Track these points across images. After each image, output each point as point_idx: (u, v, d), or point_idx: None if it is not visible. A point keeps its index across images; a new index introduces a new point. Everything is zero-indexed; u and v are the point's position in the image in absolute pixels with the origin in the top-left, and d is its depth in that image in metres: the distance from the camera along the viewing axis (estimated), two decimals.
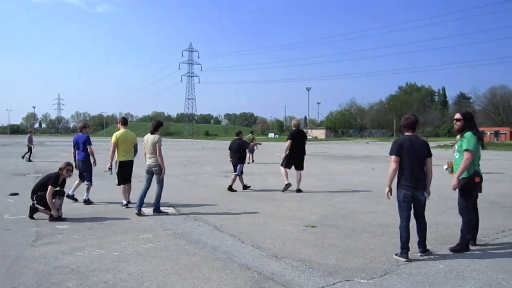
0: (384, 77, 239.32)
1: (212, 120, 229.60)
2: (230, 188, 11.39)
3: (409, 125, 5.52)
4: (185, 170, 17.51)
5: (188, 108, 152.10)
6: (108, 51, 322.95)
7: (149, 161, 8.40)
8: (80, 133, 9.78)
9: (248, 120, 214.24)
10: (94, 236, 6.41)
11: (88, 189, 9.34)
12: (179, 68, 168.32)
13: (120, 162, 9.11)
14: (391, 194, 5.45)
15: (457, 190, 5.72)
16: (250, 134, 25.78)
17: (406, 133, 5.52)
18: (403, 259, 5.17)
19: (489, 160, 25.93)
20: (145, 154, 8.52)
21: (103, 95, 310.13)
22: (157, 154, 8.23)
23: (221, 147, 44.60)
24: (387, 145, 6.27)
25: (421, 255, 5.33)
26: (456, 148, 5.81)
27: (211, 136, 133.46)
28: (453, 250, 5.60)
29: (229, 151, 12.14)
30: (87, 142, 9.54)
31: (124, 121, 9.57)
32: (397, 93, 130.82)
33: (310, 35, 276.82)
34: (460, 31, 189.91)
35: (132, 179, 9.35)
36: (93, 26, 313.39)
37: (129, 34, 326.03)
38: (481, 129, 76.51)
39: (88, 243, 6.00)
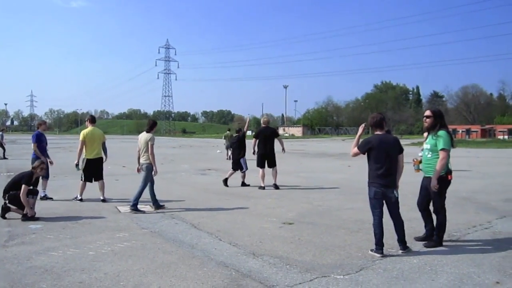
0: (360, 76, 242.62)
1: (189, 118, 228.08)
2: (243, 184, 11.78)
3: (377, 124, 5.59)
4: (162, 168, 17.32)
5: (165, 105, 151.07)
6: (83, 47, 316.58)
7: (141, 159, 8.55)
8: (37, 131, 9.83)
9: (226, 117, 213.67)
10: (68, 235, 6.31)
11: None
12: (156, 65, 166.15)
13: (87, 159, 9.16)
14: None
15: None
16: (228, 131, 25.96)
17: (376, 132, 5.57)
18: (378, 255, 5.26)
19: (460, 157, 26.53)
20: (138, 152, 8.68)
21: (77, 92, 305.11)
22: (149, 152, 8.35)
23: (199, 144, 44.46)
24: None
25: (402, 252, 5.42)
26: (428, 147, 5.82)
27: (188, 133, 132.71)
28: (428, 246, 5.72)
29: (230, 148, 12.40)
30: (32, 139, 9.57)
31: (92, 119, 9.65)
32: (372, 91, 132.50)
33: (287, 33, 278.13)
34: (432, 31, 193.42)
35: (106, 178, 9.21)
36: (68, 22, 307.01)
37: (105, 30, 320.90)
38: (453, 127, 78.12)
39: (63, 242, 5.91)
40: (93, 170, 9.19)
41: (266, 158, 11.31)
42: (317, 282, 4.40)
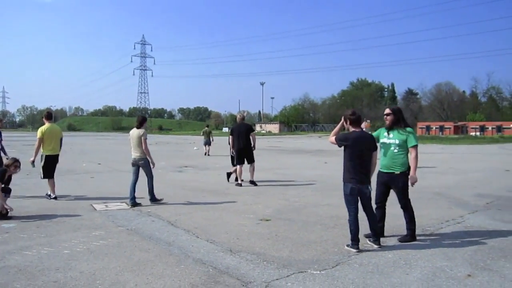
0: (336, 73, 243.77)
1: (165, 115, 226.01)
2: (228, 176, 11.87)
3: (356, 121, 5.67)
4: None
5: (141, 102, 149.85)
6: (57, 43, 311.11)
7: (135, 154, 8.65)
8: None
9: (202, 114, 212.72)
10: (43, 234, 6.20)
11: None
12: (131, 61, 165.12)
13: (46, 156, 9.08)
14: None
15: (399, 184, 5.89)
16: (206, 128, 26.12)
17: (353, 129, 5.63)
18: (354, 250, 5.33)
19: (435, 153, 27.08)
20: (131, 148, 8.74)
21: (51, 88, 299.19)
22: (143, 147, 8.52)
23: (175, 141, 44.17)
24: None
25: (378, 247, 5.51)
26: (397, 142, 5.84)
27: (165, 130, 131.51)
28: (402, 240, 5.82)
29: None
30: None
31: (49, 116, 9.54)
32: (348, 88, 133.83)
33: (263, 30, 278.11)
34: (407, 30, 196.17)
35: (81, 175, 9.07)
36: (41, 17, 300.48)
37: (79, 25, 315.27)
38: (427, 123, 79.56)
39: (37, 241, 5.80)
40: (51, 166, 9.05)
41: (244, 154, 11.33)
42: (294, 277, 4.44)
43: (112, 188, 10.81)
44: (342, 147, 5.62)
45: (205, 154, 23.69)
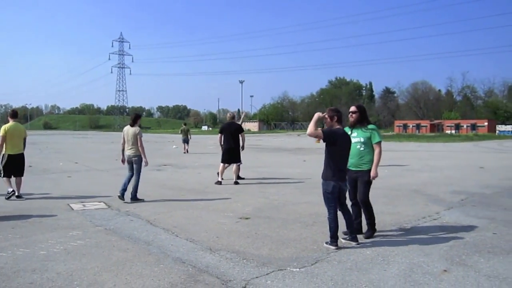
0: (314, 71, 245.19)
1: (144, 113, 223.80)
2: (238, 177, 11.77)
3: (340, 119, 5.72)
4: (116, 164, 16.97)
5: (119, 100, 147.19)
6: (32, 39, 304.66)
7: (129, 151, 8.78)
8: None
9: (181, 112, 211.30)
10: (18, 235, 6.07)
11: None
12: (109, 59, 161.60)
13: (9, 155, 8.90)
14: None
15: (365, 180, 5.95)
16: (184, 126, 26.30)
17: (337, 127, 5.65)
18: (333, 247, 5.38)
19: (412, 151, 27.53)
20: (122, 145, 8.89)
21: (26, 86, 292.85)
22: (139, 144, 8.70)
23: (154, 140, 43.76)
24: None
25: (356, 244, 5.57)
26: (361, 140, 5.92)
27: (144, 129, 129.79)
28: (367, 237, 5.87)
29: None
30: None
31: (13, 114, 9.40)
32: (327, 87, 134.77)
33: (242, 28, 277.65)
34: (384, 29, 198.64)
35: (58, 174, 8.92)
36: (15, 12, 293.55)
37: (55, 22, 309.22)
38: (404, 122, 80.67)
39: (12, 242, 5.68)
40: (13, 166, 8.92)
41: (231, 153, 11.35)
42: (273, 275, 4.46)
43: (90, 188, 10.67)
44: (322, 144, 5.64)
45: (184, 152, 23.96)
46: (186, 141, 24.99)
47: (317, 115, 5.56)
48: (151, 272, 4.56)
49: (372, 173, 5.90)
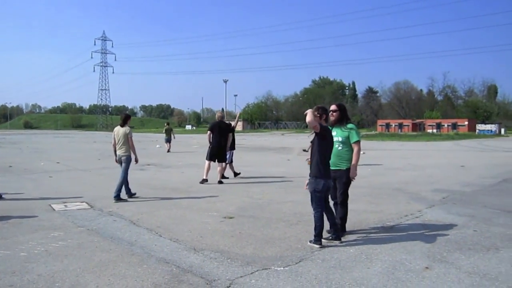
0: (298, 71, 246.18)
1: (127, 112, 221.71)
2: (235, 174, 12.60)
3: (327, 118, 5.76)
4: (98, 164, 16.82)
5: (101, 99, 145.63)
6: (13, 37, 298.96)
7: (120, 151, 9.00)
8: None
9: (165, 112, 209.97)
10: None
11: None
12: (92, 57, 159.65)
13: None
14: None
15: (345, 179, 5.99)
16: (167, 125, 26.64)
17: (325, 124, 5.67)
18: (317, 246, 5.41)
19: (395, 150, 27.82)
20: (114, 146, 9.09)
21: (7, 84, 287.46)
22: (130, 144, 8.93)
23: (138, 139, 43.38)
24: (302, 137, 6.49)
25: (339, 243, 5.60)
26: (340, 139, 5.95)
27: None
28: (337, 238, 5.72)
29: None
30: None
31: None
32: (311, 86, 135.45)
33: (227, 27, 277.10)
34: (366, 29, 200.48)
35: (39, 175, 8.80)
36: None
37: (37, 19, 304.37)
38: (386, 121, 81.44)
39: None
40: None
41: (218, 152, 11.35)
42: (258, 274, 4.46)
43: (72, 188, 10.53)
44: (312, 141, 5.64)
45: (168, 151, 24.24)
46: (168, 140, 25.32)
47: (311, 110, 5.56)
48: (134, 272, 4.52)
49: (351, 173, 5.93)
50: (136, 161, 9.15)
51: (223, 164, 11.77)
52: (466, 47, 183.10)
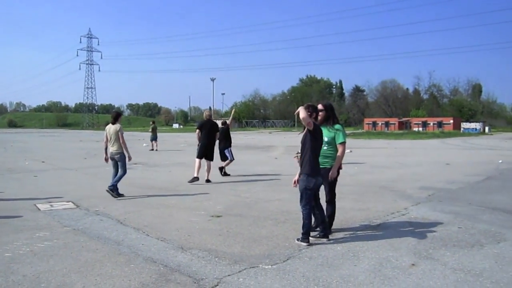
0: (286, 69, 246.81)
1: (118, 110, 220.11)
2: (225, 173, 12.65)
3: (317, 117, 5.77)
4: (84, 163, 16.67)
5: (87, 97, 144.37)
6: None
7: (112, 149, 9.11)
8: None
9: (152, 110, 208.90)
10: None
11: None
12: (77, 55, 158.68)
13: None
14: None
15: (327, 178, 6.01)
16: (152, 124, 26.94)
17: (315, 122, 5.67)
18: (305, 244, 5.42)
19: (380, 148, 28.02)
20: (105, 143, 9.26)
21: None
22: (121, 141, 9.01)
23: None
24: (289, 135, 6.52)
25: (327, 240, 5.63)
26: (325, 139, 5.94)
27: None
28: (325, 236, 5.73)
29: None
30: None
31: None
32: (298, 85, 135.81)
33: (215, 26, 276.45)
34: (354, 28, 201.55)
35: (23, 174, 8.69)
36: None
37: (21, 16, 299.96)
38: (373, 119, 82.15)
39: None
40: None
41: (207, 149, 11.33)
42: (245, 273, 4.46)
43: (58, 187, 10.43)
44: (293, 142, 5.66)
45: (154, 149, 24.48)
46: (154, 138, 25.59)
47: (303, 108, 5.56)
48: (121, 272, 4.49)
49: (331, 173, 5.89)
50: (129, 158, 9.19)
51: (226, 162, 12.34)
52: (452, 47, 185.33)
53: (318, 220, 5.75)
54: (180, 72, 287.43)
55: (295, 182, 5.80)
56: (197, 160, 11.33)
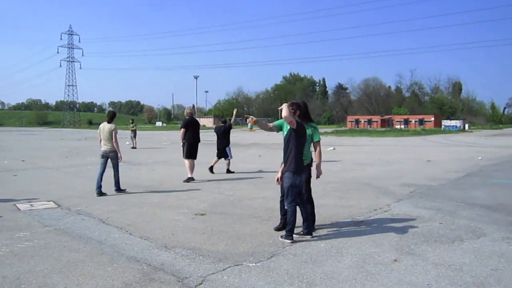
0: (269, 67, 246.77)
1: (95, 108, 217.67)
2: (228, 171, 12.89)
3: (300, 114, 5.80)
4: (66, 162, 16.44)
5: (68, 95, 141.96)
6: None
7: (105, 147, 9.29)
8: None
9: (135, 108, 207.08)
10: None
11: None
12: (58, 52, 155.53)
13: None
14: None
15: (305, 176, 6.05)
16: (131, 122, 27.38)
17: (299, 120, 5.70)
18: (289, 241, 5.45)
19: (363, 145, 28.26)
20: (100, 141, 9.36)
21: None
22: (114, 140, 9.20)
23: None
24: (273, 133, 6.54)
25: (310, 238, 5.66)
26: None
27: (95, 125, 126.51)
28: (309, 233, 5.77)
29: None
30: None
31: None
32: (281, 82, 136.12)
33: (197, 23, 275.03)
34: (338, 26, 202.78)
35: (2, 173, 8.53)
36: None
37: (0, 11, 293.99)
38: (356, 117, 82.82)
39: None
40: None
41: (194, 148, 11.24)
42: (229, 271, 4.46)
43: (38, 187, 10.27)
44: (286, 138, 5.65)
45: (133, 147, 25.08)
46: (134, 136, 26.36)
47: (286, 105, 5.56)
48: (104, 272, 4.45)
49: (317, 172, 6.03)
50: (120, 158, 9.39)
51: (227, 161, 12.91)
52: (433, 45, 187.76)
53: (303, 216, 5.77)
54: (163, 69, 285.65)
55: (278, 179, 5.83)
56: (186, 161, 11.19)
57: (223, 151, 13.20)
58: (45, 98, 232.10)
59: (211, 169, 12.82)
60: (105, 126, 9.36)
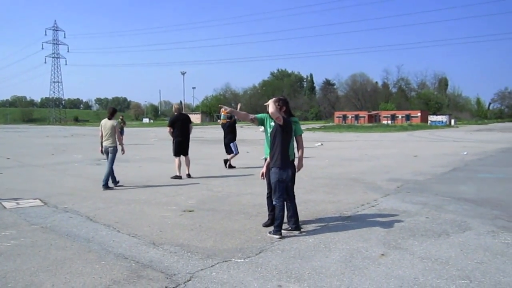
0: (257, 63, 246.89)
1: (81, 105, 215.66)
2: (230, 166, 13.16)
3: (288, 109, 5.84)
4: (52, 159, 16.26)
5: (54, 92, 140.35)
6: None
7: (106, 142, 9.69)
8: None
9: (121, 105, 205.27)
10: None
11: None
12: (43, 48, 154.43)
13: None
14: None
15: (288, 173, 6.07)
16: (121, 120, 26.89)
17: (285, 116, 5.71)
18: (277, 237, 5.47)
19: (351, 141, 28.42)
20: (101, 137, 9.74)
21: None
22: (116, 136, 9.62)
23: (93, 133, 42.26)
24: (262, 129, 6.55)
25: (299, 233, 5.69)
26: None
27: (81, 122, 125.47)
28: (297, 228, 5.78)
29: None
30: None
31: None
32: (269, 78, 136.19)
33: (184, 19, 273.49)
34: (324, 22, 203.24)
35: None
36: None
37: None
38: (343, 113, 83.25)
39: None
40: None
41: (183, 145, 11.14)
42: (218, 267, 4.47)
43: (24, 184, 10.15)
44: (272, 133, 5.66)
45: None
46: (121, 133, 25.44)
47: (273, 101, 5.56)
48: (92, 269, 4.42)
49: (298, 166, 6.08)
50: (123, 151, 9.88)
51: (231, 155, 13.23)
52: (419, 41, 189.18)
53: (290, 211, 5.79)
54: (150, 66, 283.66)
55: (262, 174, 5.85)
56: (176, 158, 11.12)
57: (228, 147, 13.51)
58: (30, 95, 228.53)
59: (225, 162, 13.40)
60: (106, 123, 9.73)
